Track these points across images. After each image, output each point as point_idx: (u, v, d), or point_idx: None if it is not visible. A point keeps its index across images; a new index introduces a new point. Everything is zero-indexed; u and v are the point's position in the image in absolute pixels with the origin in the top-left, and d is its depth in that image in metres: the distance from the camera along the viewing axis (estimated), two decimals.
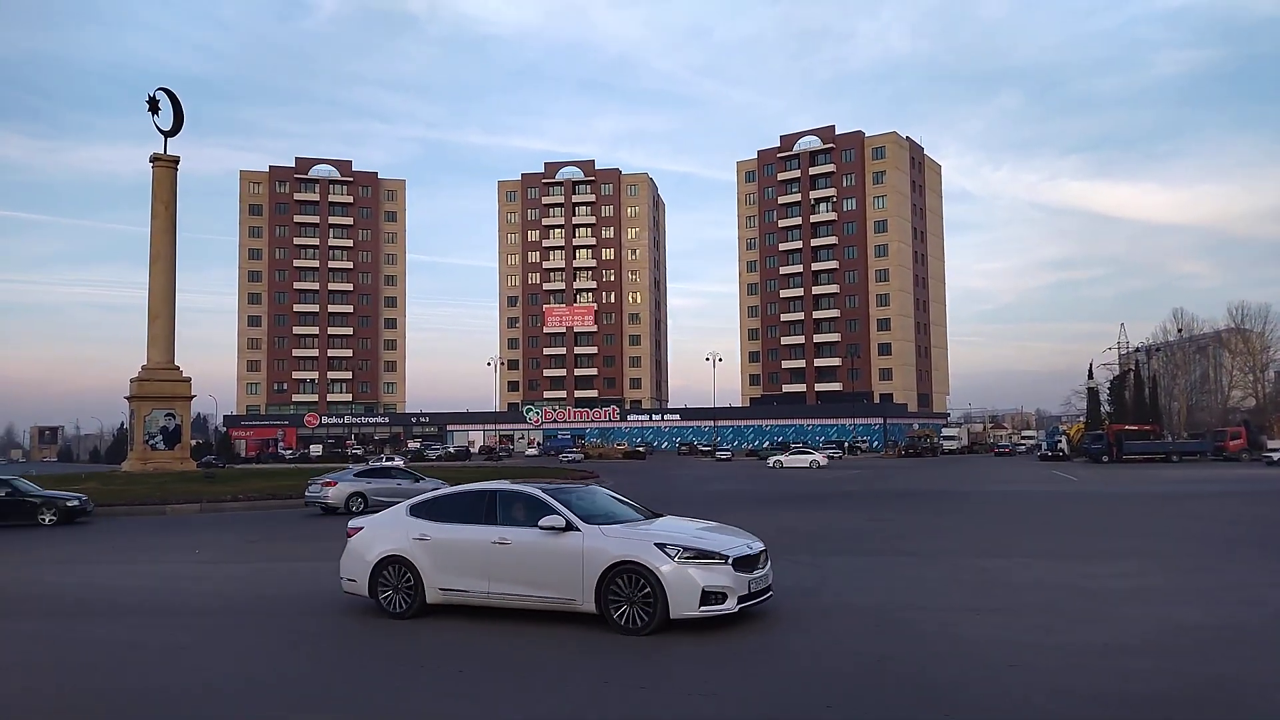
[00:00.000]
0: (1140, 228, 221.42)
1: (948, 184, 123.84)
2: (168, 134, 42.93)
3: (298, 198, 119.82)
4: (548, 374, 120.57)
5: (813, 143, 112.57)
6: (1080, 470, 49.52)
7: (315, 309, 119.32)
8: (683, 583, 8.15)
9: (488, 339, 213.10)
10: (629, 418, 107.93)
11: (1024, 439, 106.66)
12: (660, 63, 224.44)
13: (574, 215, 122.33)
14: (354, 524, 10.25)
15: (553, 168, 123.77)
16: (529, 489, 9.44)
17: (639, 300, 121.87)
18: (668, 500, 29.60)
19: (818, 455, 59.32)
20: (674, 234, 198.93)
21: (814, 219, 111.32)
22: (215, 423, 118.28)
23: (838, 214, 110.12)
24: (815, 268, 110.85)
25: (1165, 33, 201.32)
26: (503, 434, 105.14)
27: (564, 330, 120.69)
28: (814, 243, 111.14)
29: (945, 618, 9.19)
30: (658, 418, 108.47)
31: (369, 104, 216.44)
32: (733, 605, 8.31)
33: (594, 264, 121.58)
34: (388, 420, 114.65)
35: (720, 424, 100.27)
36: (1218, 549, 15.21)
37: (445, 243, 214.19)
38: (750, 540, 9.10)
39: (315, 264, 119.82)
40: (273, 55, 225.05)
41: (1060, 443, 70.66)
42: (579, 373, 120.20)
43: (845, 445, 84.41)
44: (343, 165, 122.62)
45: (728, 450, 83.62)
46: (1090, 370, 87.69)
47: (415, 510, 9.74)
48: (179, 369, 42.24)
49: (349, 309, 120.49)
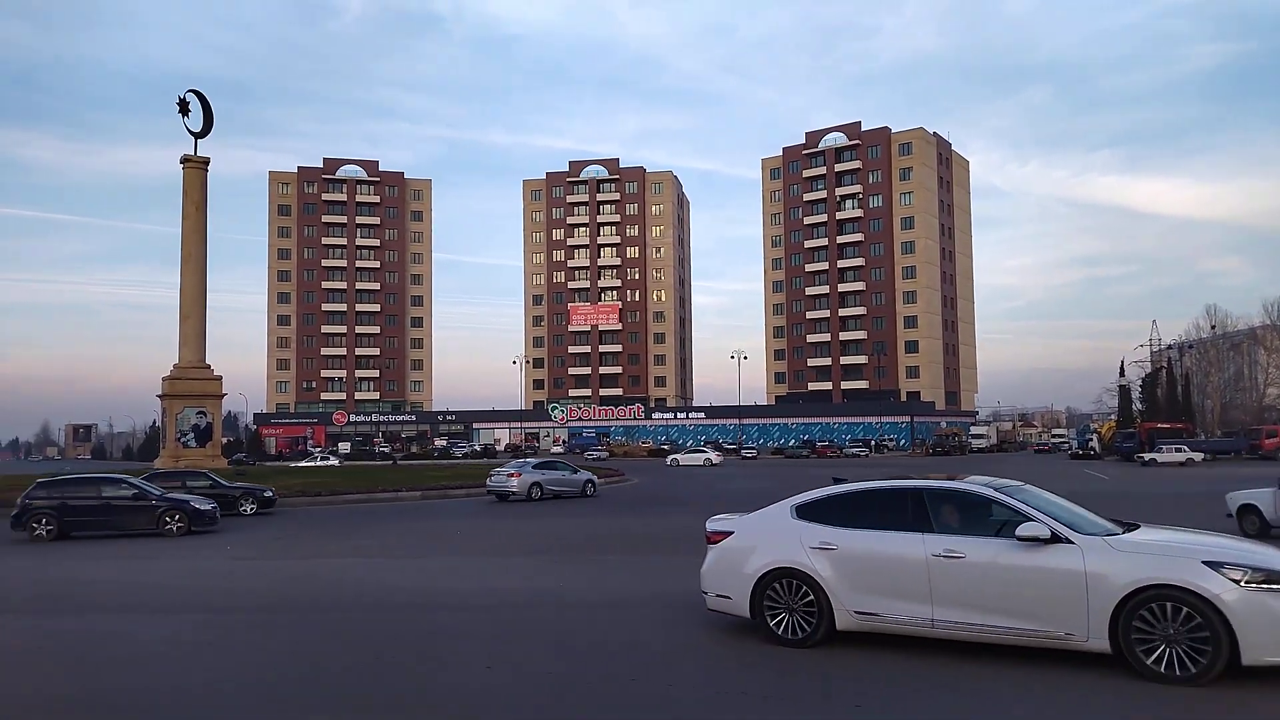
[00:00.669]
0: (1171, 223, 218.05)
1: (975, 180, 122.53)
2: (198, 135, 43.35)
3: (325, 198, 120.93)
4: (572, 372, 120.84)
5: (838, 139, 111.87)
6: (1112, 469, 48.86)
7: (343, 308, 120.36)
8: (1259, 616, 6.14)
9: (513, 337, 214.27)
10: (653, 416, 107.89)
11: (1054, 437, 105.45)
12: (683, 61, 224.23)
13: (598, 214, 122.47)
14: (718, 526, 8.56)
15: (577, 166, 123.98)
16: (973, 485, 7.70)
17: (663, 298, 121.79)
18: (707, 497, 29.54)
19: (711, 454, 64.74)
20: (698, 232, 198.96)
21: (839, 216, 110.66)
22: (245, 420, 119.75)
23: (863, 211, 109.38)
24: (841, 265, 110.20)
25: (1195, 25, 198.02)
26: (528, 432, 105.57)
27: (588, 328, 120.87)
28: (839, 240, 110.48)
29: None
30: (682, 416, 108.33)
31: (395, 104, 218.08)
32: None
33: (618, 262, 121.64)
34: (414, 418, 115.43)
35: (745, 422, 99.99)
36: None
37: (471, 242, 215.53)
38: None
39: (343, 264, 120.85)
40: (300, 57, 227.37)
41: (1092, 441, 69.83)
42: (603, 371, 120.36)
43: (872, 443, 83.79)
44: (369, 165, 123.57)
45: (753, 448, 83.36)
46: (1122, 368, 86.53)
47: (804, 511, 8.19)
48: (210, 368, 42.67)
49: (376, 308, 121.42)
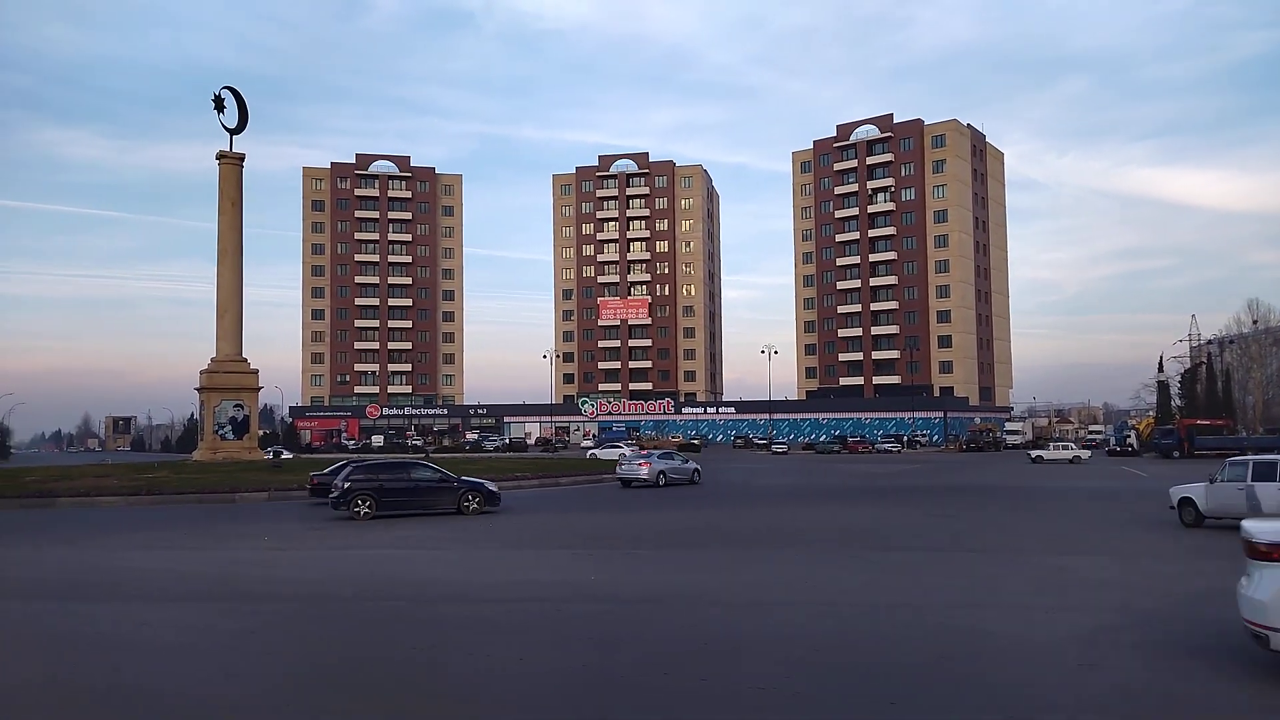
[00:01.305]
0: (1212, 216, 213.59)
1: (1011, 172, 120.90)
2: (233, 132, 43.97)
3: (358, 193, 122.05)
4: (602, 366, 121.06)
5: (870, 132, 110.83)
6: (1150, 466, 48.11)
7: (375, 302, 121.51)
8: None
9: (543, 331, 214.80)
10: (683, 410, 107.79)
11: (1091, 434, 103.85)
12: (714, 54, 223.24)
13: (628, 208, 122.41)
14: (1269, 536, 6.72)
15: (607, 160, 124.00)
16: None
17: (693, 293, 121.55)
18: (743, 490, 29.56)
19: (625, 449, 66.37)
20: (728, 226, 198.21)
21: (871, 209, 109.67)
22: (281, 413, 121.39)
23: (896, 204, 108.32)
24: (873, 259, 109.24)
25: (1238, 12, 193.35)
26: (558, 426, 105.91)
27: (618, 323, 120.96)
28: (871, 233, 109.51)
29: (1010, 615, 9.00)
30: (712, 410, 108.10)
31: (427, 100, 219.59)
32: None
33: (648, 256, 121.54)
34: (446, 411, 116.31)
35: (775, 417, 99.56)
36: None
37: (501, 236, 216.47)
38: None
39: (375, 258, 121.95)
40: (334, 54, 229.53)
41: (1129, 438, 68.65)
42: (633, 365, 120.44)
43: (904, 439, 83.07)
44: (401, 161, 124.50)
45: (784, 444, 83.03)
46: (1160, 363, 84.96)
47: None
48: (246, 361, 43.34)
49: (408, 302, 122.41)
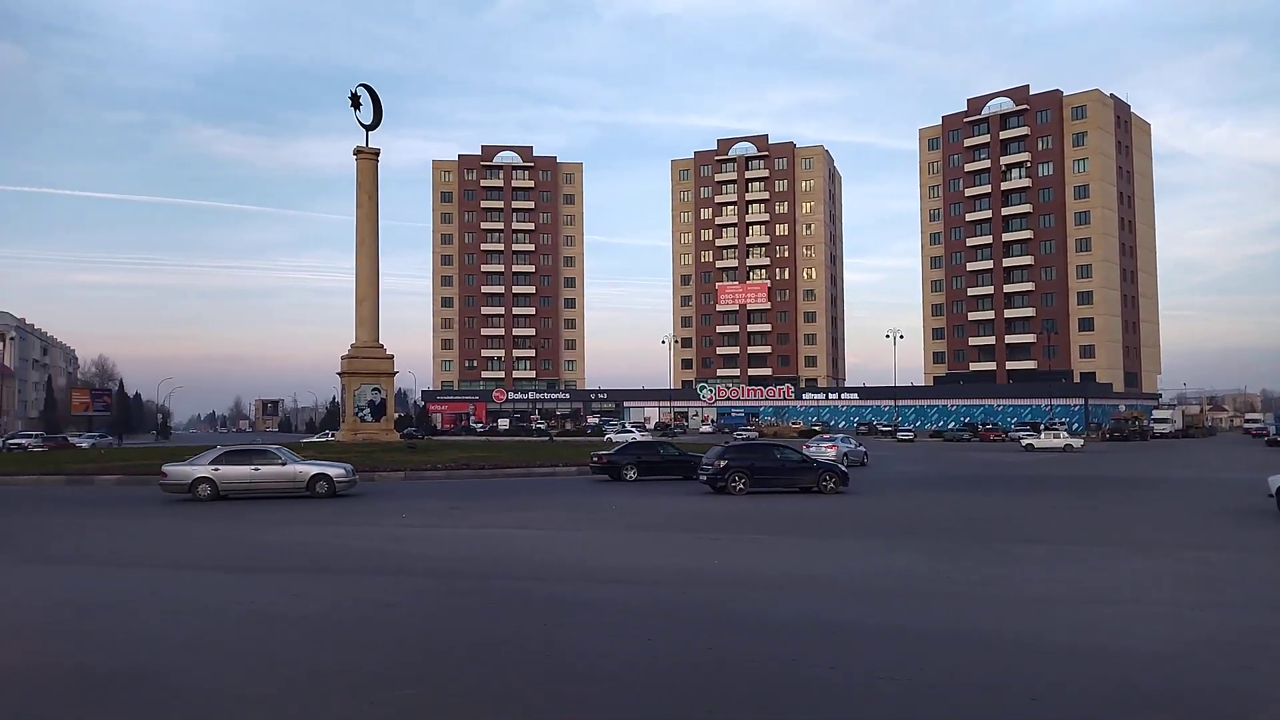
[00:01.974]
0: None
1: (1158, 144, 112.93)
2: (368, 128, 46.02)
3: (484, 184, 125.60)
4: (721, 352, 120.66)
5: (1004, 105, 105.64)
6: None
7: (500, 290, 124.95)
8: None
9: (662, 317, 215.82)
10: (804, 396, 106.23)
11: (1248, 422, 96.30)
12: (836, 30, 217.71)
13: (747, 191, 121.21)
14: None
15: (725, 144, 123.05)
16: None
17: (814, 276, 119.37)
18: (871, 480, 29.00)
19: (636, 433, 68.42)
20: (851, 207, 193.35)
21: (1005, 186, 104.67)
22: (414, 397, 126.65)
23: (1032, 180, 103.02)
24: (1006, 238, 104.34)
25: None
26: (677, 411, 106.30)
27: (737, 308, 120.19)
28: (1005, 212, 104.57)
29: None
30: (834, 396, 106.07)
31: (549, 90, 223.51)
32: None
33: (767, 240, 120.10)
34: (568, 396, 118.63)
35: (901, 404, 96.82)
36: None
37: (620, 223, 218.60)
38: None
39: (500, 247, 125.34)
40: (460, 49, 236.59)
41: None
42: (752, 350, 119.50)
43: (1041, 427, 79.23)
44: (524, 151, 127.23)
45: (909, 431, 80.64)
46: None
47: None
48: (383, 347, 45.43)
49: (531, 289, 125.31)
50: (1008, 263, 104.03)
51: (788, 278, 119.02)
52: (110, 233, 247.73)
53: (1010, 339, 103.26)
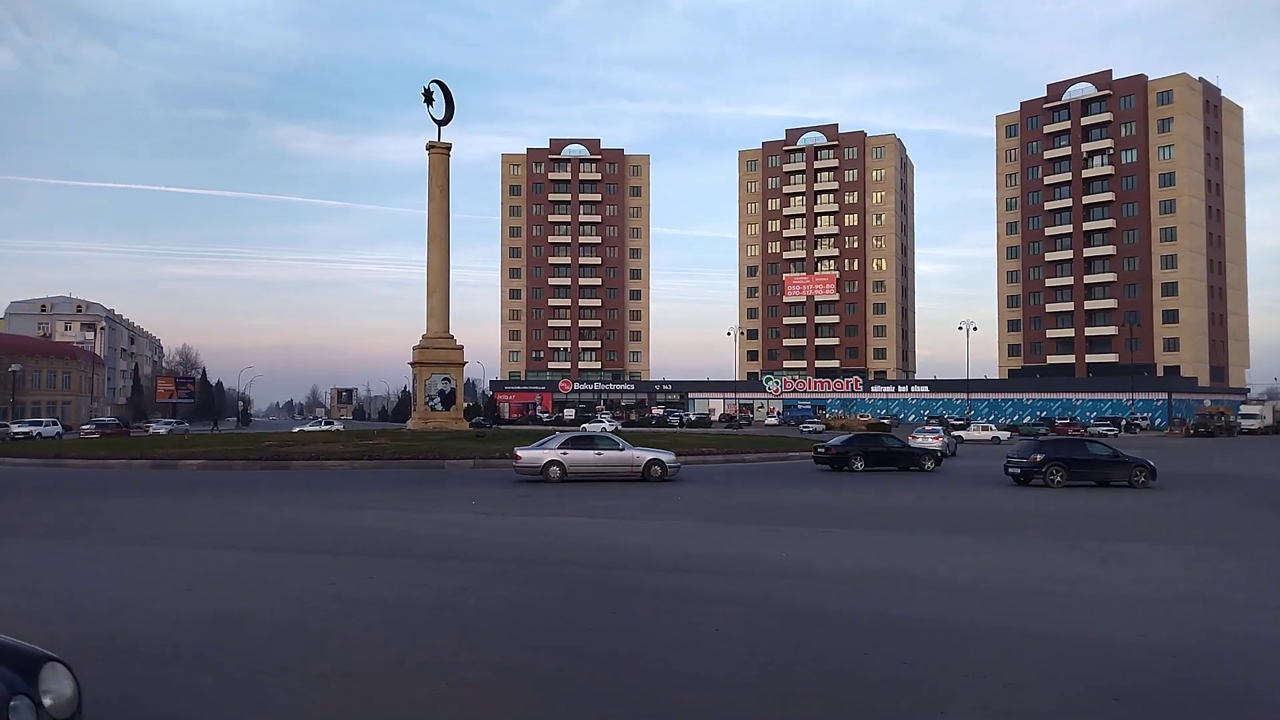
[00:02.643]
0: None
1: (1251, 129, 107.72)
2: (440, 123, 46.68)
3: (551, 177, 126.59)
4: (787, 343, 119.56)
5: (1085, 90, 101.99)
6: None
7: (567, 282, 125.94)
8: None
9: (728, 309, 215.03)
10: (873, 389, 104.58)
11: None
12: (909, 16, 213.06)
13: (815, 181, 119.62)
14: None
15: (794, 134, 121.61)
16: None
17: (884, 267, 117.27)
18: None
19: (606, 424, 67.16)
20: (923, 197, 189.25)
21: (1086, 174, 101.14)
22: (482, 387, 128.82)
23: (1114, 167, 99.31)
24: (1087, 227, 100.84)
25: None
26: (742, 403, 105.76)
27: (804, 299, 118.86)
28: (1085, 200, 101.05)
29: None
30: (904, 389, 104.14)
31: (616, 83, 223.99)
32: None
33: (836, 231, 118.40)
34: (633, 387, 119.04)
35: (974, 397, 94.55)
36: None
37: (687, 215, 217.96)
38: None
39: (567, 240, 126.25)
40: (529, 43, 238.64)
41: None
42: (819, 342, 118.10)
43: (1122, 422, 76.50)
44: (591, 144, 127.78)
45: (988, 426, 78.63)
46: None
47: None
48: (453, 338, 46.18)
49: (597, 281, 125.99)
50: (1088, 253, 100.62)
51: (857, 268, 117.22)
52: (195, 227, 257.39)
53: (1090, 331, 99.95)
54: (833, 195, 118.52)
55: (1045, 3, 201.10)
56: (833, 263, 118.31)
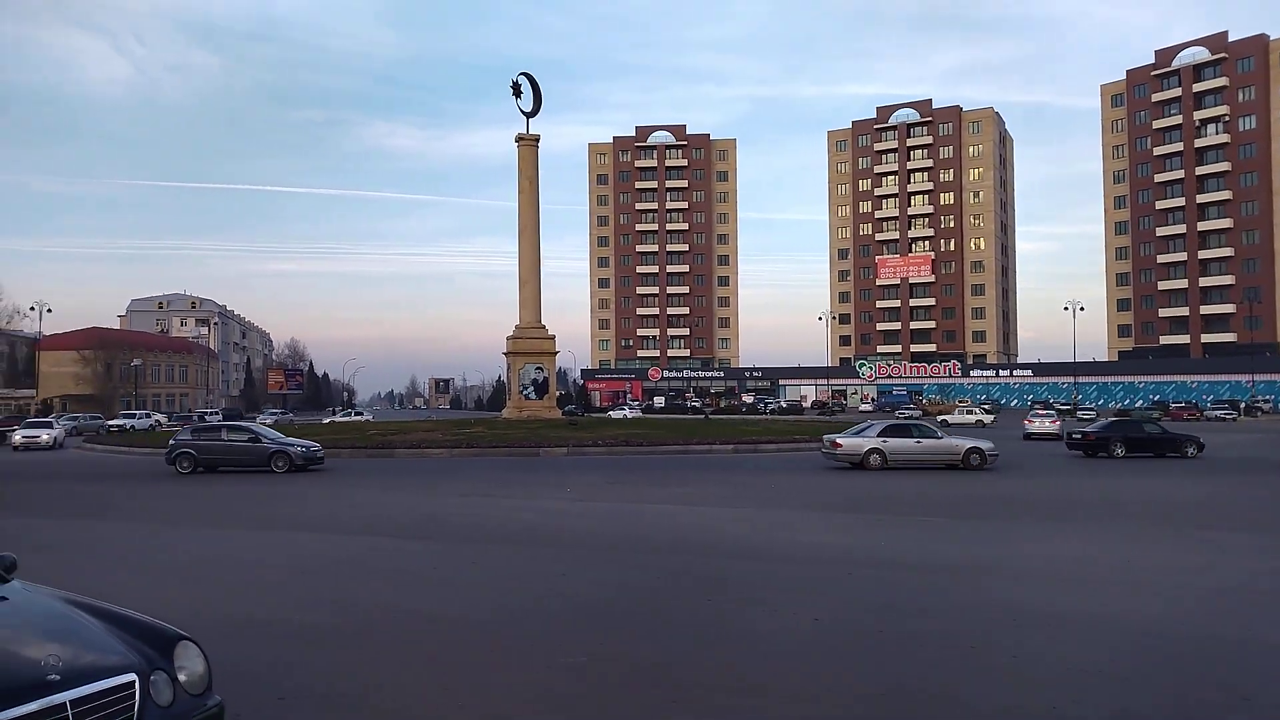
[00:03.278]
0: None
1: None
2: (529, 115, 47.29)
3: (638, 165, 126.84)
4: (881, 328, 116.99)
5: (1198, 54, 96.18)
6: None
7: (655, 270, 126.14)
8: None
9: (819, 293, 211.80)
10: (972, 373, 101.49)
11: None
12: None
13: (909, 160, 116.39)
14: None
15: (885, 111, 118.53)
16: None
17: (982, 246, 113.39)
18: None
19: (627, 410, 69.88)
20: (1023, 172, 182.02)
21: (1199, 144, 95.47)
22: (573, 376, 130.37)
23: (1231, 136, 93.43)
24: (1202, 200, 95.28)
25: None
26: (834, 389, 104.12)
27: (898, 281, 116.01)
28: (1200, 171, 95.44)
29: None
30: (1005, 373, 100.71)
31: (702, 67, 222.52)
32: None
33: (931, 210, 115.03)
34: (723, 374, 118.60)
35: (1080, 380, 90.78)
36: None
37: (775, 199, 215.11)
38: None
39: (654, 227, 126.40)
40: (614, 31, 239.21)
41: None
42: (915, 326, 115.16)
43: (1242, 405, 72.23)
44: (677, 130, 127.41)
45: (1091, 409, 75.50)
46: None
47: None
48: (545, 328, 46.86)
49: (685, 268, 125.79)
50: (1203, 226, 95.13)
51: (953, 249, 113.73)
52: (299, 225, 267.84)
53: (1206, 309, 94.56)
54: (927, 174, 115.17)
55: None
56: (928, 243, 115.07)
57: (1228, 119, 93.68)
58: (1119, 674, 6.08)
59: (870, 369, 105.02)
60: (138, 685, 3.67)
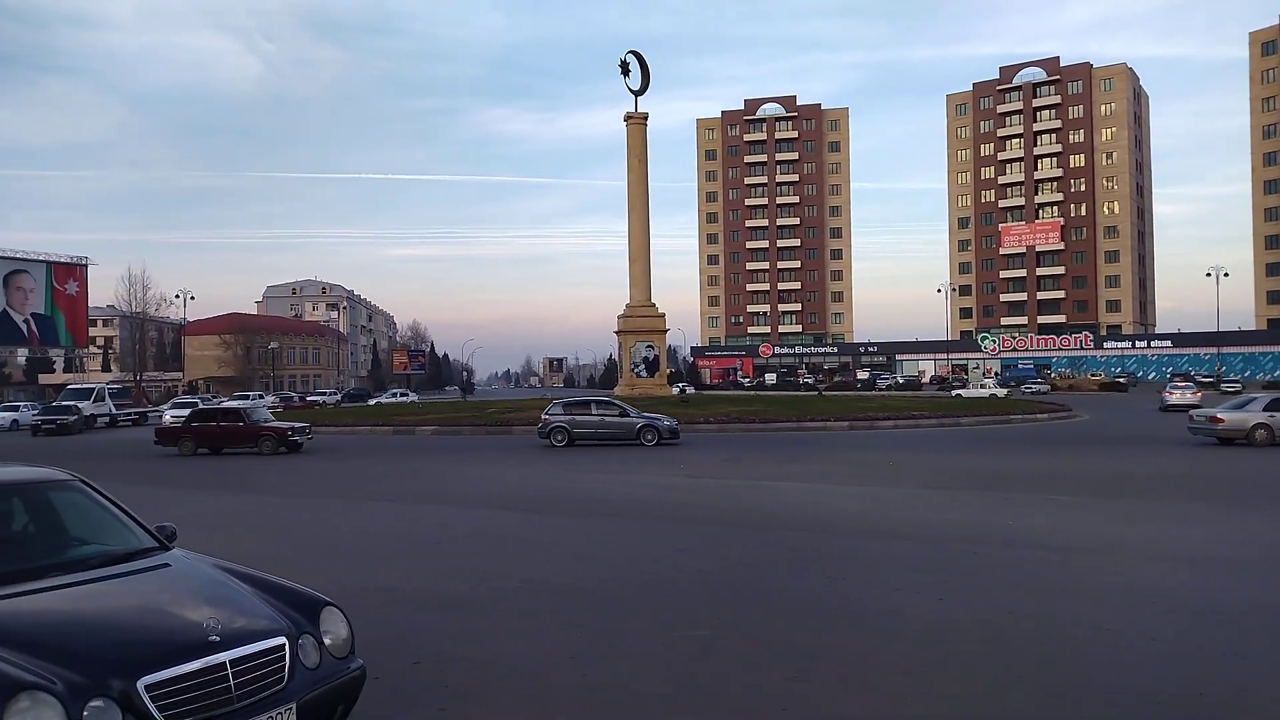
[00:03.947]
0: None
1: None
2: (637, 94, 47.33)
3: (747, 139, 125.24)
4: (1005, 299, 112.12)
5: None
6: None
7: (765, 245, 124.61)
8: None
9: (937, 264, 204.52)
10: (1105, 345, 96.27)
11: None
12: None
13: (1035, 121, 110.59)
14: None
15: (1009, 72, 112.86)
16: None
17: (1115, 211, 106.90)
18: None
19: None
20: (1160, 130, 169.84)
21: None
22: (683, 353, 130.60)
23: None
24: None
25: None
26: (955, 363, 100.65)
27: (1024, 250, 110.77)
28: None
29: None
30: (1141, 344, 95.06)
31: (812, 36, 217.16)
32: None
33: (1059, 174, 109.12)
34: (836, 350, 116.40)
35: (1225, 351, 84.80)
36: None
37: (889, 168, 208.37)
38: None
39: (764, 201, 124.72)
40: (723, 3, 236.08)
41: None
42: (1042, 296, 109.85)
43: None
44: (787, 101, 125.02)
45: (1236, 381, 70.49)
46: None
47: None
48: (655, 306, 47.07)
49: (796, 243, 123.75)
50: None
51: (1084, 214, 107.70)
52: (418, 210, 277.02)
53: None
54: (1055, 135, 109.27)
55: None
56: (1056, 209, 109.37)
57: None
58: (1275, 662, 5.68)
59: (994, 342, 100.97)
60: (288, 648, 3.91)
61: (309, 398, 70.14)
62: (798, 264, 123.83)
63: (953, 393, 56.76)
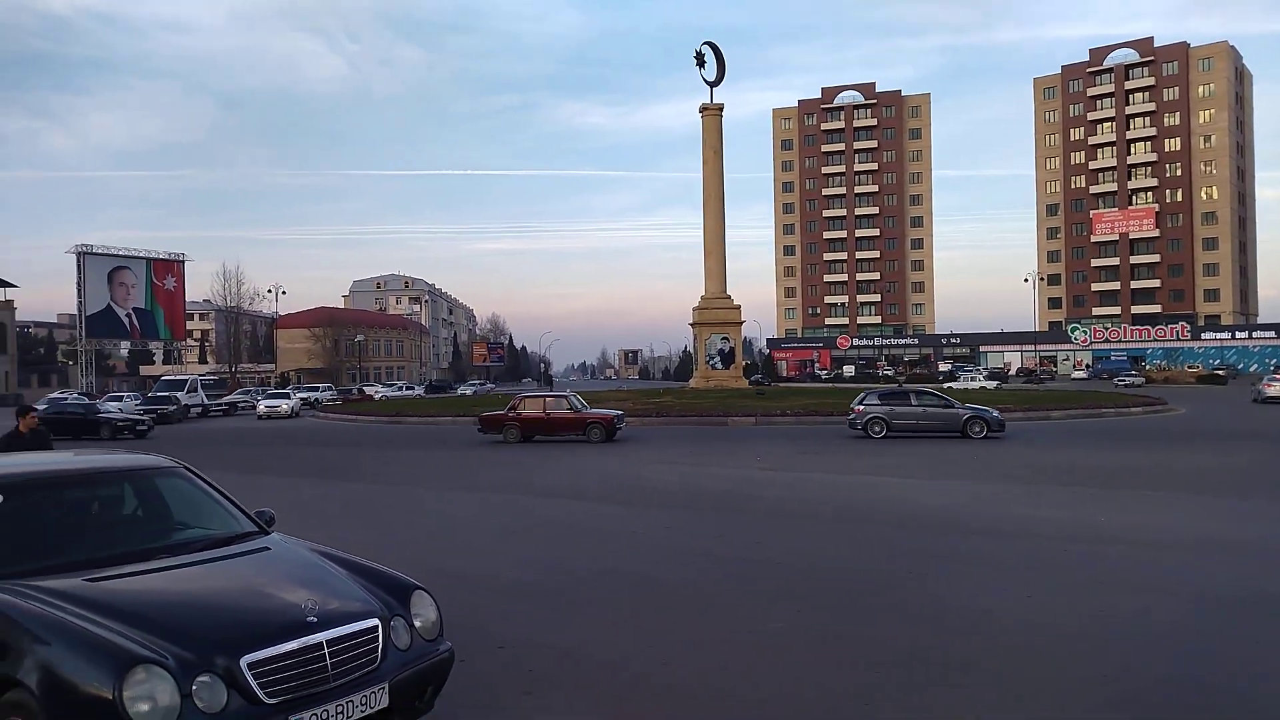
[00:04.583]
0: None
1: None
2: (712, 84, 47.15)
3: (824, 128, 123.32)
4: (1096, 288, 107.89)
5: None
6: None
7: (843, 235, 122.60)
8: None
9: (1024, 253, 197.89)
10: (1203, 335, 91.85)
11: None
12: None
13: (1128, 104, 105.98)
14: None
15: (1100, 53, 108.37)
16: None
17: (1215, 196, 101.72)
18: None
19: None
20: (1265, 111, 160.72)
21: None
22: (759, 345, 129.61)
23: None
24: None
25: None
26: (1043, 355, 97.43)
27: (1116, 237, 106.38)
28: None
29: None
30: (1243, 335, 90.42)
31: (892, 21, 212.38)
32: None
33: (1154, 158, 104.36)
34: (916, 341, 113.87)
35: None
36: None
37: (973, 154, 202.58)
38: None
39: (842, 191, 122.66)
40: None
41: None
42: (1135, 285, 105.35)
43: None
44: (866, 89, 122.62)
45: None
46: None
47: None
48: (730, 298, 46.88)
49: (875, 232, 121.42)
50: None
51: (1181, 200, 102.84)
52: (496, 205, 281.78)
53: None
54: (1149, 118, 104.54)
55: None
56: (1151, 195, 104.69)
57: None
58: None
59: (1084, 333, 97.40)
60: (380, 629, 4.06)
61: (364, 388, 68.26)
62: (877, 254, 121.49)
63: (944, 385, 51.51)
